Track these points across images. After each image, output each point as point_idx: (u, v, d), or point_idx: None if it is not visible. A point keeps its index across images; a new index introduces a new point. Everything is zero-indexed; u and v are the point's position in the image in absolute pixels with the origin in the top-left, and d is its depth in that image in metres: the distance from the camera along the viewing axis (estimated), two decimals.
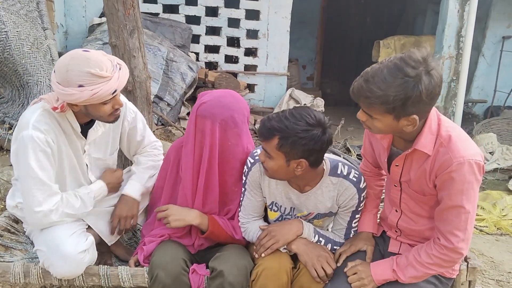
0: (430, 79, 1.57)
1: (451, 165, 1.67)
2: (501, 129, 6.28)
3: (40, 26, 3.95)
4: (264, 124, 1.85)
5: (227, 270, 1.91)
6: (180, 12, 6.40)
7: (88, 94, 1.82)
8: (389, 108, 1.61)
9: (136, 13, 2.77)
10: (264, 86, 6.86)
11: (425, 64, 1.58)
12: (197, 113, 2.03)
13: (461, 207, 1.70)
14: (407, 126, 1.67)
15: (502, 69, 7.06)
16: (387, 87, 1.58)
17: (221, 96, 2.03)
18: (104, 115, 1.98)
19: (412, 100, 1.58)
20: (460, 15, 6.19)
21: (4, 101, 3.88)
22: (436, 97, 1.63)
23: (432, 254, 1.79)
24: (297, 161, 1.84)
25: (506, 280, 3.18)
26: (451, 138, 1.71)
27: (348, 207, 2.04)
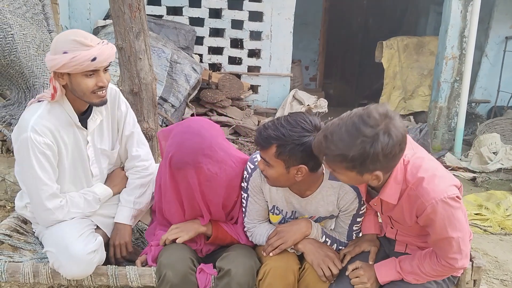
0: (388, 139, 1.56)
1: (425, 209, 1.70)
2: (505, 129, 6.28)
3: (46, 28, 3.96)
4: (261, 134, 1.84)
5: (234, 269, 1.93)
6: (184, 14, 6.43)
7: (68, 57, 1.89)
8: (349, 166, 1.62)
9: (142, 16, 2.80)
10: (267, 87, 6.88)
11: (384, 123, 1.57)
12: (173, 167, 1.99)
13: (449, 237, 1.73)
14: (372, 180, 1.69)
15: (505, 69, 7.05)
16: (344, 147, 1.58)
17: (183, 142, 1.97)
18: (87, 91, 1.99)
19: (370, 159, 1.58)
20: (463, 15, 6.18)
21: (10, 103, 3.89)
22: (397, 155, 1.63)
23: (436, 269, 1.83)
24: (296, 167, 1.85)
25: (511, 280, 3.19)
26: (419, 181, 1.72)
27: (349, 211, 2.05)
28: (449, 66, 6.33)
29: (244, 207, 2.14)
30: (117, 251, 2.23)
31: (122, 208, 2.29)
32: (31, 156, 1.96)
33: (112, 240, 2.24)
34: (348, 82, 10.10)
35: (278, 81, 6.88)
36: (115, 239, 2.24)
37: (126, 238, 2.24)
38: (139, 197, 2.31)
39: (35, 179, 1.99)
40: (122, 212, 2.28)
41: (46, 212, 2.05)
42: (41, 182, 1.99)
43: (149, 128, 3.00)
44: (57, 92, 2.01)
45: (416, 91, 7.34)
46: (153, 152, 3.14)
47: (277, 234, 2.03)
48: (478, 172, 5.47)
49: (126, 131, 2.31)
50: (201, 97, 6.08)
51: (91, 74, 1.98)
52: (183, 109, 5.78)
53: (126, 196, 2.30)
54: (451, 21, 6.24)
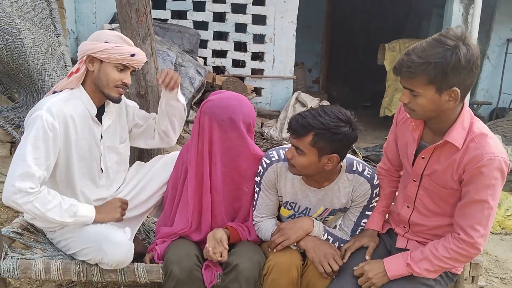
0: (467, 49, 1.63)
1: (481, 160, 1.71)
2: (506, 130, 6.31)
3: (54, 32, 4.04)
4: (298, 121, 1.90)
5: (242, 264, 1.99)
6: (188, 18, 6.50)
7: (110, 46, 2.06)
8: (431, 76, 1.65)
9: (149, 20, 2.86)
10: (270, 89, 6.94)
11: (463, 38, 1.65)
12: (201, 110, 2.13)
13: (486, 201, 1.74)
14: (449, 102, 1.70)
15: (507, 71, 7.09)
16: (427, 56, 1.64)
17: (226, 98, 2.10)
18: (112, 82, 2.10)
19: (452, 67, 1.62)
20: (464, 18, 6.24)
21: (19, 106, 3.97)
22: (475, 69, 1.67)
23: (450, 248, 1.82)
24: (329, 156, 1.92)
25: (510, 278, 3.23)
26: (484, 135, 1.76)
27: (360, 202, 2.12)
28: None
29: (255, 200, 2.21)
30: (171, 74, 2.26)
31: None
32: (32, 131, 1.92)
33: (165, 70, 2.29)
34: (350, 84, 10.16)
35: (281, 84, 6.94)
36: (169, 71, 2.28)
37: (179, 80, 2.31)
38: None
39: (21, 152, 1.92)
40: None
41: (11, 188, 1.90)
42: (23, 158, 1.90)
43: None
44: (79, 72, 2.10)
45: None
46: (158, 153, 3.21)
47: (280, 231, 2.09)
48: None
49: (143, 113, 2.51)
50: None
51: (121, 69, 2.11)
52: (188, 112, 5.85)
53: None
54: (452, 24, 6.29)
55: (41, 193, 1.96)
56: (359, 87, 10.10)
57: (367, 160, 5.24)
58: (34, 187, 1.92)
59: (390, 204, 2.24)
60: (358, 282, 1.96)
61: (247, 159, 2.17)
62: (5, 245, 2.16)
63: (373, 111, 8.08)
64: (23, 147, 1.92)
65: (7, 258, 2.12)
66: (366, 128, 7.68)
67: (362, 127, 2.00)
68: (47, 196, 1.97)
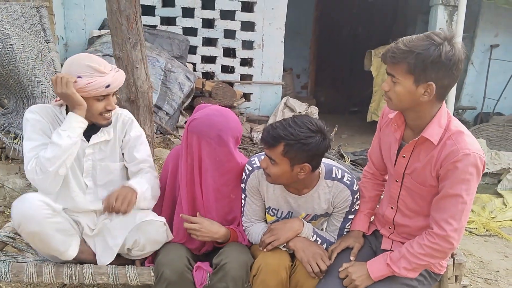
0: (451, 48, 1.71)
1: (457, 155, 1.77)
2: (491, 134, 6.41)
3: (44, 39, 4.07)
4: (269, 132, 1.96)
5: (229, 264, 2.04)
6: (178, 24, 6.54)
7: (83, 83, 2.00)
8: (411, 65, 1.73)
9: (139, 27, 2.91)
10: (259, 95, 6.99)
11: (449, 38, 1.73)
12: (187, 129, 2.14)
13: (460, 196, 1.79)
14: (424, 96, 1.77)
15: (490, 76, 7.22)
16: (412, 45, 1.73)
17: (212, 115, 2.13)
18: (96, 113, 2.10)
19: (431, 60, 1.70)
20: (448, 24, 6.36)
21: (8, 112, 3.98)
22: (455, 71, 1.74)
23: (424, 244, 1.87)
24: (301, 165, 1.96)
25: (494, 279, 3.30)
26: (460, 132, 1.82)
27: (342, 208, 2.17)
28: None
29: (242, 206, 2.26)
30: (119, 201, 2.07)
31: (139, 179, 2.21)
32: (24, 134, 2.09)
33: (119, 192, 2.11)
34: (338, 90, 10.25)
35: (270, 89, 6.99)
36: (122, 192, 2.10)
37: (133, 198, 2.11)
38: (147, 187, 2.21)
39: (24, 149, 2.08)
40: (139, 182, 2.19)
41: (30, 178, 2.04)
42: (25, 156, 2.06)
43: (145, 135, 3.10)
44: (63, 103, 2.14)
45: None
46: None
47: (271, 231, 2.14)
48: None
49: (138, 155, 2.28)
50: (195, 105, 6.18)
51: (101, 98, 2.09)
52: (177, 117, 5.88)
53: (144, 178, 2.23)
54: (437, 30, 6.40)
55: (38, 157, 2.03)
56: (347, 93, 10.19)
57: (355, 164, 5.31)
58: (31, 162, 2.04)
59: (375, 206, 2.30)
60: (343, 283, 2.00)
61: (236, 171, 2.22)
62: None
63: (360, 116, 8.16)
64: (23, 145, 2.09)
65: (0, 261, 2.13)
66: (354, 132, 7.77)
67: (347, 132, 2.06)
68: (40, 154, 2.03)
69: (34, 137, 2.07)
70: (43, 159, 2.00)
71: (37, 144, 2.06)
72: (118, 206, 2.07)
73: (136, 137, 2.29)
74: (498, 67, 7.24)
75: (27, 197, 2.02)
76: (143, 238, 2.11)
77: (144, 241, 2.12)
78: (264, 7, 6.64)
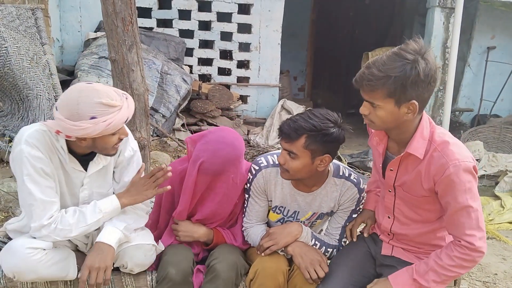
0: (426, 63, 1.68)
1: (447, 168, 1.74)
2: (488, 136, 6.43)
3: (39, 41, 4.04)
4: (290, 126, 1.95)
5: (218, 265, 2.04)
6: (174, 26, 6.53)
7: (103, 125, 1.78)
8: (391, 89, 1.69)
9: (135, 29, 2.88)
10: (256, 97, 6.98)
11: (422, 52, 1.69)
12: (199, 171, 2.07)
13: (469, 206, 1.74)
14: (407, 114, 1.75)
15: (487, 78, 7.24)
16: (387, 69, 1.68)
17: (217, 150, 2.05)
18: (110, 146, 1.91)
19: (411, 81, 1.67)
20: (445, 26, 6.37)
21: (3, 115, 3.95)
22: (433, 83, 1.72)
23: (454, 256, 1.79)
24: (321, 157, 1.97)
25: (492, 282, 3.29)
26: (446, 143, 1.79)
27: (347, 206, 2.18)
28: None
29: (245, 207, 2.25)
30: (93, 275, 1.87)
31: (109, 228, 1.99)
32: (23, 170, 1.84)
33: (90, 262, 1.89)
34: (335, 92, 10.26)
35: (267, 91, 6.99)
36: (95, 261, 1.89)
37: (108, 261, 1.91)
38: (131, 223, 2.07)
39: (26, 194, 1.86)
40: (109, 232, 1.97)
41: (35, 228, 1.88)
42: (32, 198, 1.85)
43: (141, 138, 3.07)
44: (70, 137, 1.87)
45: None
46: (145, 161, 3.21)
47: (270, 235, 2.12)
48: None
49: (126, 177, 2.11)
50: (192, 107, 6.18)
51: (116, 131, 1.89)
52: (174, 120, 5.86)
53: (117, 220, 2.02)
54: (434, 32, 6.42)
55: (60, 216, 1.91)
56: (344, 95, 10.19)
57: (352, 166, 5.30)
58: (51, 216, 1.88)
59: None
60: None
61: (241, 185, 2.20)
62: None
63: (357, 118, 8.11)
64: (25, 189, 1.85)
65: None
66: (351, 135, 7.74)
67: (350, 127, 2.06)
68: (64, 215, 1.92)
69: (39, 180, 1.86)
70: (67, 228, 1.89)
71: (45, 187, 1.88)
72: (93, 281, 1.88)
73: (130, 157, 2.11)
74: (494, 69, 7.26)
75: (13, 247, 1.89)
76: (130, 262, 2.04)
77: (131, 265, 2.05)
78: (260, 9, 6.64)
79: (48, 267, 1.92)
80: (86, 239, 2.19)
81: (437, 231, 2.00)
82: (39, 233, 1.89)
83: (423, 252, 2.05)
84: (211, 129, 2.20)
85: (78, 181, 2.02)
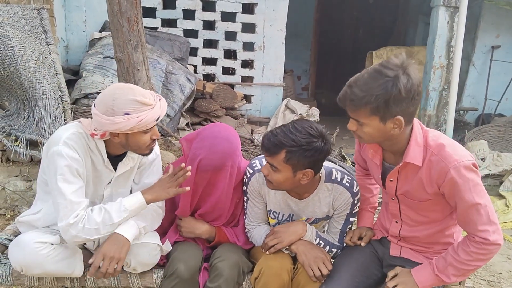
0: (407, 78, 1.67)
1: (448, 171, 1.75)
2: (492, 136, 6.41)
3: (44, 41, 4.07)
4: (270, 140, 1.93)
5: (220, 264, 2.06)
6: (178, 26, 6.53)
7: (135, 121, 1.86)
8: (374, 108, 1.70)
9: (140, 29, 2.91)
10: (260, 96, 6.98)
11: (402, 67, 1.69)
12: (198, 169, 2.08)
13: (477, 204, 1.75)
14: (394, 129, 1.76)
15: (492, 78, 7.21)
16: (368, 88, 1.68)
17: (214, 145, 2.06)
18: (143, 145, 1.99)
19: (393, 98, 1.67)
20: (450, 26, 6.34)
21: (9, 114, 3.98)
22: (417, 96, 1.72)
23: (470, 251, 1.80)
24: (303, 171, 1.95)
25: (497, 281, 3.29)
26: (441, 145, 1.79)
27: (342, 210, 2.16)
28: (437, 75, 6.48)
29: (245, 209, 2.26)
30: (106, 263, 1.92)
31: (131, 221, 2.03)
32: (58, 170, 1.89)
33: (106, 250, 1.94)
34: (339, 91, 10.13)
35: (271, 91, 6.99)
36: (110, 250, 1.94)
37: (123, 253, 1.96)
38: (148, 225, 2.11)
39: (58, 192, 1.90)
40: (129, 226, 2.02)
41: (64, 228, 1.91)
42: (63, 197, 1.89)
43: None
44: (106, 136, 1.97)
45: None
46: None
47: (274, 234, 2.13)
48: None
49: (147, 179, 2.19)
50: (196, 107, 6.19)
51: (148, 130, 1.97)
52: (178, 119, 5.87)
53: (139, 216, 2.08)
54: (438, 31, 6.40)
55: (86, 215, 1.93)
56: None
57: None
58: (77, 214, 1.91)
59: (375, 201, 2.31)
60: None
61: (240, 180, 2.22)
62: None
63: None
64: (57, 188, 1.90)
65: (1, 265, 2.13)
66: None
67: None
68: (90, 214, 1.94)
69: (72, 180, 1.92)
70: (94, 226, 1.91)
71: (76, 189, 1.93)
72: (104, 269, 1.93)
73: (152, 160, 2.20)
74: (499, 68, 7.22)
75: (22, 241, 1.94)
76: (134, 261, 2.06)
77: (135, 264, 2.07)
78: (265, 9, 6.64)
79: (55, 263, 1.96)
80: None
81: (445, 230, 2.01)
82: (68, 234, 1.91)
83: (432, 252, 2.05)
84: (205, 126, 2.21)
85: (106, 180, 2.10)
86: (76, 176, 1.94)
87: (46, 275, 2.02)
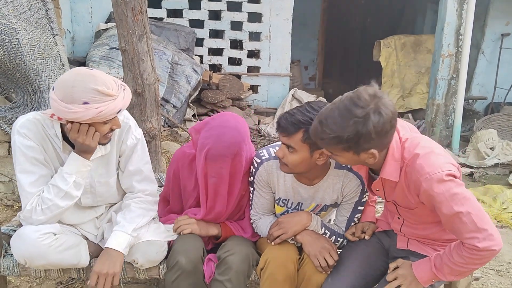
0: (379, 117, 1.63)
1: (420, 184, 1.72)
2: (502, 125, 6.35)
3: (50, 32, 4.05)
4: (287, 120, 1.92)
5: (231, 257, 2.04)
6: (184, 16, 6.51)
7: (94, 112, 1.76)
8: (345, 146, 1.69)
9: (144, 19, 2.89)
10: (267, 87, 6.96)
11: (374, 102, 1.64)
12: (207, 158, 2.05)
13: (458, 213, 1.67)
14: (369, 159, 1.75)
15: (501, 66, 7.12)
16: (338, 129, 1.65)
17: (221, 135, 2.03)
18: (101, 135, 1.91)
19: (363, 138, 1.65)
20: (458, 13, 6.25)
21: (16, 106, 3.98)
22: (389, 132, 1.70)
23: (463, 255, 1.74)
24: (320, 150, 1.92)
25: (506, 270, 3.27)
26: (414, 157, 1.75)
27: (351, 198, 2.15)
28: (445, 63, 6.40)
29: (250, 200, 2.24)
30: (101, 281, 1.91)
31: (118, 233, 2.00)
32: (16, 159, 1.89)
33: (99, 268, 1.92)
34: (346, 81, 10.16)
35: (278, 81, 6.96)
36: (103, 267, 1.92)
37: (117, 268, 1.94)
38: (140, 221, 2.08)
39: (19, 182, 1.90)
40: (118, 237, 1.99)
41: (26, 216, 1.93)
42: (21, 188, 1.90)
43: (152, 128, 3.09)
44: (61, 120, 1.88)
45: (414, 89, 7.42)
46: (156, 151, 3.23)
47: (279, 224, 2.12)
48: (476, 168, 5.54)
49: (131, 166, 2.12)
50: (202, 98, 6.18)
51: (108, 121, 1.88)
52: (185, 110, 5.87)
53: (126, 222, 2.03)
54: (447, 19, 6.31)
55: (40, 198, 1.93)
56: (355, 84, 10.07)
57: None
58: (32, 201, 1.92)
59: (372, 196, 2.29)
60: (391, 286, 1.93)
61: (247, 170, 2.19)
62: (5, 243, 2.17)
63: None
64: (17, 179, 1.91)
65: (7, 256, 2.13)
66: None
67: None
68: (42, 195, 1.93)
69: (30, 169, 1.90)
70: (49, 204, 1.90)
71: (36, 179, 1.91)
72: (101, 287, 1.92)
73: (133, 145, 2.11)
74: (509, 56, 7.13)
75: (23, 233, 1.92)
76: (142, 258, 2.05)
77: (142, 261, 2.06)
78: None
79: (59, 253, 1.94)
80: (96, 230, 2.21)
81: None
82: (31, 220, 1.92)
83: (440, 244, 2.02)
84: (214, 116, 2.19)
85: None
86: (35, 164, 1.90)
87: (51, 266, 2.00)
